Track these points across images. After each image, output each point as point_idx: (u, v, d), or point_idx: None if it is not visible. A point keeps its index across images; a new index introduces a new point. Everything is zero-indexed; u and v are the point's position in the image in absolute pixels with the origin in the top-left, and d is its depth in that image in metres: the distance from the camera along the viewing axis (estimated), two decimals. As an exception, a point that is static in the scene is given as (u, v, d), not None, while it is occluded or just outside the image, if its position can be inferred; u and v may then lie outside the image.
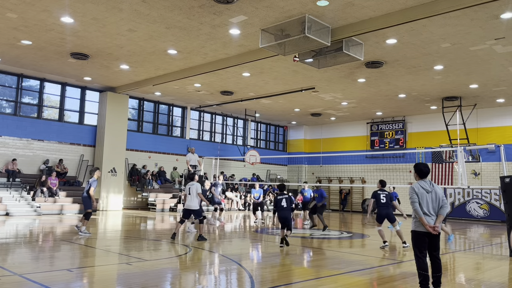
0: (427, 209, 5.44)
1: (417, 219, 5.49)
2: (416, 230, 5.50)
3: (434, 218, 5.43)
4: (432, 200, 5.47)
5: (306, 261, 8.34)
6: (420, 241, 5.47)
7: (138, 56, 14.95)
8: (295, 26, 10.85)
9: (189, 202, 10.55)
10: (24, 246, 9.08)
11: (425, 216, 5.40)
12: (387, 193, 10.11)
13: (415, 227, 5.52)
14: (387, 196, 10.14)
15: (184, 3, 10.50)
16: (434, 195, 5.49)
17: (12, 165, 17.61)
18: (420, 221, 5.43)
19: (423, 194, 5.47)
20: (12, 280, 5.70)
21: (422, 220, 5.38)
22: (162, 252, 8.88)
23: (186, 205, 10.58)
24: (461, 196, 21.98)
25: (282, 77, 17.12)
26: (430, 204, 5.45)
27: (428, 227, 5.36)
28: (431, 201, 5.46)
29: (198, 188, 10.66)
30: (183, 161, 22.80)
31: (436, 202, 5.48)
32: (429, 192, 5.50)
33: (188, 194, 10.61)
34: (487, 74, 15.76)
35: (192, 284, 6.12)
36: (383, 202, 10.11)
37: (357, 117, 25.59)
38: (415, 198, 5.47)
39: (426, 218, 5.40)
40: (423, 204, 5.45)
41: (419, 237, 5.47)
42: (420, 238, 5.46)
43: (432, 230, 5.35)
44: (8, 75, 18.24)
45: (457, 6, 9.56)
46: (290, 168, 30.42)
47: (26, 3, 10.82)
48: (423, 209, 5.44)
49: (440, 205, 5.49)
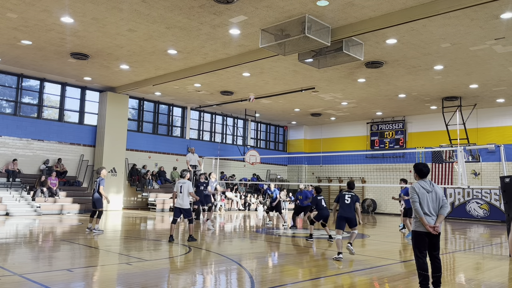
0: (428, 209, 5.44)
1: (417, 219, 5.49)
2: (417, 230, 5.50)
3: (435, 218, 5.43)
4: (433, 200, 5.47)
5: (306, 261, 8.34)
6: (420, 241, 5.47)
7: (138, 56, 14.95)
8: (295, 26, 10.85)
9: (180, 200, 10.26)
10: (24, 246, 9.08)
11: (426, 216, 5.40)
12: (353, 194, 8.94)
13: (415, 227, 5.53)
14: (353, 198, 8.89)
15: (184, 3, 10.50)
16: (434, 195, 5.49)
17: (12, 165, 17.61)
18: (420, 221, 5.43)
19: (423, 194, 5.47)
20: (12, 280, 5.70)
21: (423, 220, 5.38)
22: (162, 252, 8.88)
23: (177, 203, 10.32)
24: (461, 196, 21.99)
25: (282, 77, 17.12)
26: (430, 204, 5.45)
27: (428, 227, 5.35)
28: (432, 201, 5.46)
29: (189, 187, 10.39)
30: (183, 161, 22.81)
31: (436, 202, 5.47)
32: (430, 192, 5.50)
33: (179, 193, 10.28)
34: (487, 74, 15.76)
35: (192, 284, 6.12)
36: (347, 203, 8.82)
37: (357, 117, 25.60)
38: (416, 198, 5.47)
39: (427, 218, 5.40)
40: (423, 204, 5.44)
41: (419, 237, 5.47)
42: (420, 238, 5.46)
43: (432, 230, 5.35)
44: (8, 75, 18.24)
45: (457, 6, 9.56)
46: (290, 168, 30.42)
47: (26, 3, 10.82)
48: (424, 209, 5.43)
49: (440, 205, 5.48)
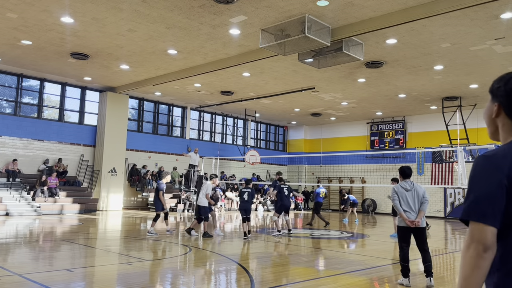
0: (407, 206, 6.09)
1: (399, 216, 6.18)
2: (400, 225, 6.22)
3: (415, 214, 6.06)
4: (413, 197, 6.11)
5: (306, 261, 8.34)
6: (403, 235, 6.15)
7: (138, 56, 14.95)
8: (295, 26, 10.85)
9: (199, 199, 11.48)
10: (24, 246, 9.08)
11: (406, 213, 6.06)
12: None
13: (399, 222, 6.26)
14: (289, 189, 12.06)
15: (184, 3, 10.50)
16: (414, 193, 6.14)
17: (12, 165, 17.61)
18: (400, 216, 6.11)
19: (402, 193, 6.16)
20: (12, 280, 5.70)
21: (402, 215, 6.05)
22: (162, 252, 8.88)
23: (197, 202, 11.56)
24: (461, 196, 21.98)
25: (282, 77, 17.12)
26: (410, 201, 6.10)
27: (407, 221, 5.98)
28: (411, 198, 6.11)
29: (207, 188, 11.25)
30: (183, 161, 22.83)
31: (417, 199, 6.10)
32: (409, 190, 6.16)
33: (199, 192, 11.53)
34: (487, 74, 15.75)
35: (192, 284, 6.12)
36: (286, 194, 11.82)
37: (357, 117, 25.59)
38: (396, 196, 6.18)
39: (407, 214, 6.05)
40: (403, 202, 6.11)
41: (402, 232, 6.16)
42: (403, 232, 6.14)
43: (411, 224, 5.95)
44: (8, 75, 18.24)
45: (457, 6, 9.55)
46: (290, 168, 30.41)
47: (26, 3, 10.82)
48: (403, 207, 6.09)
49: (421, 202, 6.12)
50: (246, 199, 11.07)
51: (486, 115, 1.70)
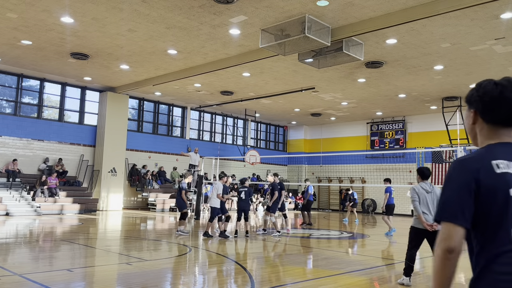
0: (426, 209, 5.89)
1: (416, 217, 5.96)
2: (415, 227, 5.99)
3: (432, 217, 5.80)
4: (432, 200, 5.93)
5: (306, 261, 8.34)
6: (416, 237, 5.99)
7: (138, 56, 14.94)
8: (295, 26, 10.85)
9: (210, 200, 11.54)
10: (24, 246, 9.08)
11: (424, 215, 5.85)
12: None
13: (414, 223, 6.02)
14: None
15: (184, 3, 10.50)
16: (433, 195, 5.97)
17: (12, 165, 17.61)
18: (418, 218, 5.87)
19: (423, 194, 5.95)
20: (12, 280, 5.70)
21: (421, 217, 5.82)
22: (162, 252, 8.88)
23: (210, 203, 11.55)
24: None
25: (282, 77, 17.11)
26: (430, 203, 5.90)
27: (426, 224, 5.78)
28: (431, 202, 5.92)
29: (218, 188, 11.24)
30: (183, 161, 22.82)
31: (436, 202, 5.84)
32: (429, 192, 5.99)
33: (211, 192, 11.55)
34: (487, 74, 15.74)
35: (192, 284, 6.12)
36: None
37: (357, 117, 25.59)
38: (416, 197, 5.95)
39: (425, 216, 5.84)
40: (423, 203, 5.92)
41: (416, 233, 5.97)
42: (417, 234, 5.96)
43: (429, 228, 5.77)
44: (8, 75, 18.24)
45: (457, 6, 9.55)
46: (290, 168, 30.41)
47: (26, 3, 10.82)
48: (422, 208, 5.89)
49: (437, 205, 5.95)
50: (244, 198, 11.16)
51: (466, 123, 1.80)
